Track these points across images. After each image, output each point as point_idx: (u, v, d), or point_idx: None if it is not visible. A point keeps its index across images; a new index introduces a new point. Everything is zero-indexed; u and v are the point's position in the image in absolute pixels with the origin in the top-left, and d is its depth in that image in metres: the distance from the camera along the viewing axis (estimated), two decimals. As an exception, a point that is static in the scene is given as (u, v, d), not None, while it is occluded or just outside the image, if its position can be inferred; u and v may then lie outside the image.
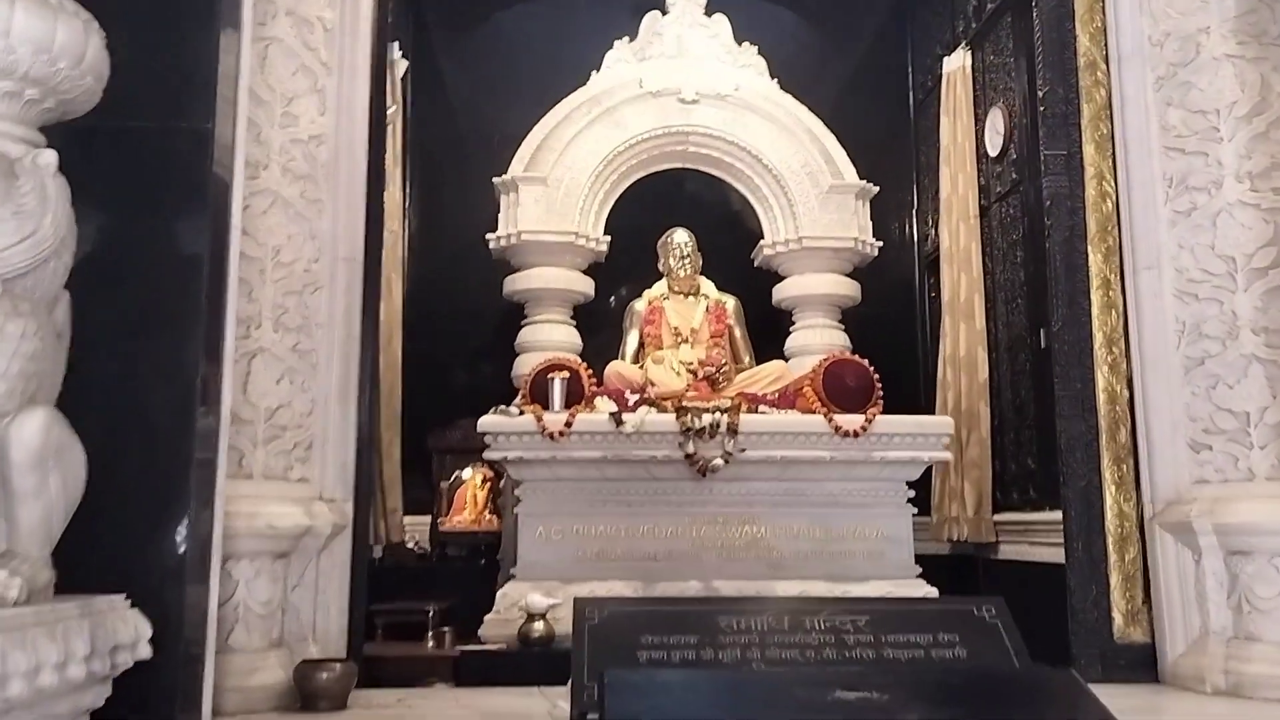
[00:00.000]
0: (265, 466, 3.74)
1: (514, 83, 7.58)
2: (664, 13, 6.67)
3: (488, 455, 4.97)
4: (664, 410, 4.99)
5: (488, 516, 7.17)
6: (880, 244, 6.64)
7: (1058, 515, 5.84)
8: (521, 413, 4.93)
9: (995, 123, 6.45)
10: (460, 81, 7.82)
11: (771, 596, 4.15)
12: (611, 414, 4.90)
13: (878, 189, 6.62)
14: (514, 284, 6.44)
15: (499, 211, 6.51)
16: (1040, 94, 4.22)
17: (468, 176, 7.62)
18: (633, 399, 5.05)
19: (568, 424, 4.87)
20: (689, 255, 5.95)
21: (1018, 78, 6.23)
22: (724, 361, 5.47)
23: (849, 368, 5.06)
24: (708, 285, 6.04)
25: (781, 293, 6.53)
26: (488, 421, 4.95)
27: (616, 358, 5.96)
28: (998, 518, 6.35)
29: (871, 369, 5.14)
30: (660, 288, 6.03)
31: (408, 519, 7.06)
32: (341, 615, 4.00)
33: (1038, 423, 6.04)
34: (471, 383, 7.50)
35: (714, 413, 4.89)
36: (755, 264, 6.68)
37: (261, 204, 3.78)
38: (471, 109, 7.74)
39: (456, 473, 7.26)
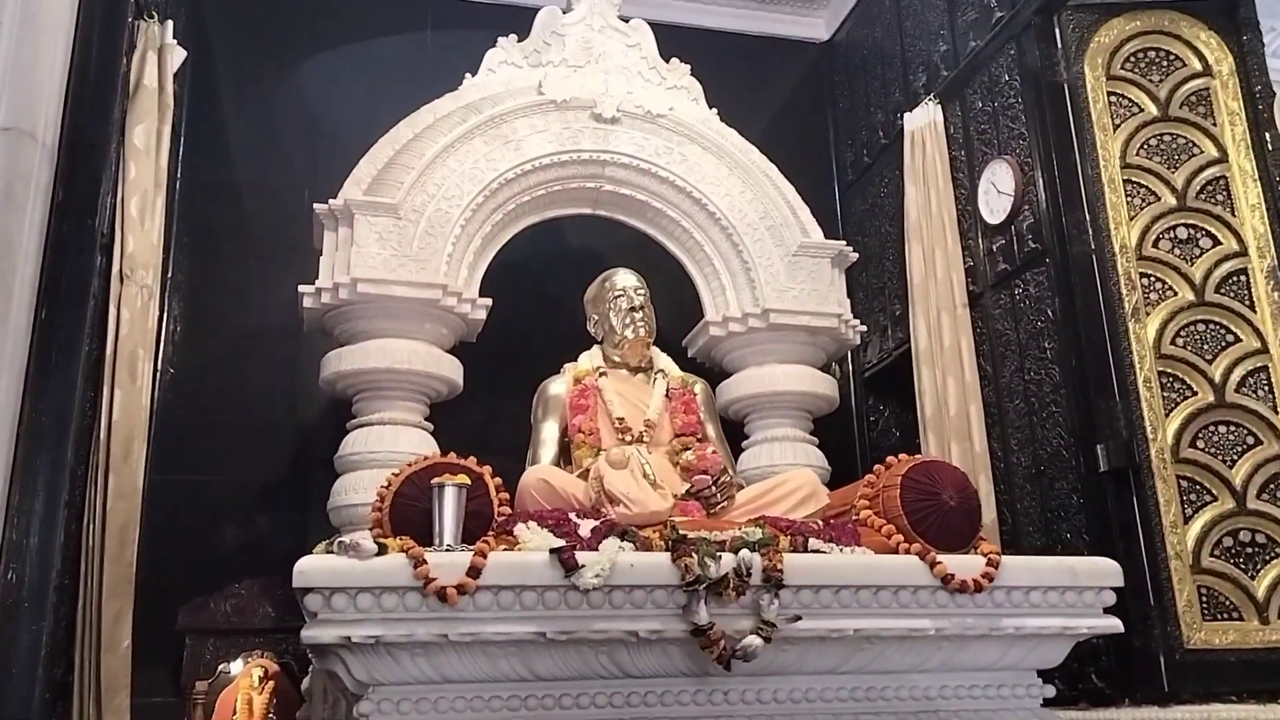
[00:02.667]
0: None
1: (330, 129, 5.19)
2: (565, 10, 4.46)
3: (312, 636, 2.32)
4: (645, 545, 2.54)
5: (268, 736, 4.36)
6: (864, 328, 4.51)
7: (1148, 714, 3.76)
8: (381, 550, 2.36)
9: (998, 180, 4.54)
10: (252, 129, 5.30)
11: None
12: (555, 551, 2.40)
13: (856, 255, 4.53)
14: (340, 363, 3.85)
15: (319, 258, 3.98)
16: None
17: (261, 246, 5.09)
18: (584, 526, 2.57)
19: (473, 570, 2.34)
20: (641, 307, 3.58)
21: (1033, 119, 4.39)
22: (724, 468, 3.09)
23: (943, 475, 2.78)
24: (664, 359, 3.66)
25: (733, 391, 4.20)
26: (314, 568, 2.33)
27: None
28: (1027, 716, 4.14)
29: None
30: (590, 359, 3.60)
31: (139, 739, 4.15)
32: None
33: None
34: (253, 531, 4.77)
35: (739, 549, 2.49)
36: (690, 354, 4.38)
37: None
38: (269, 160, 5.24)
39: (221, 667, 4.42)
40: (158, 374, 4.48)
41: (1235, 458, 3.90)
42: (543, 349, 4.84)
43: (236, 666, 4.43)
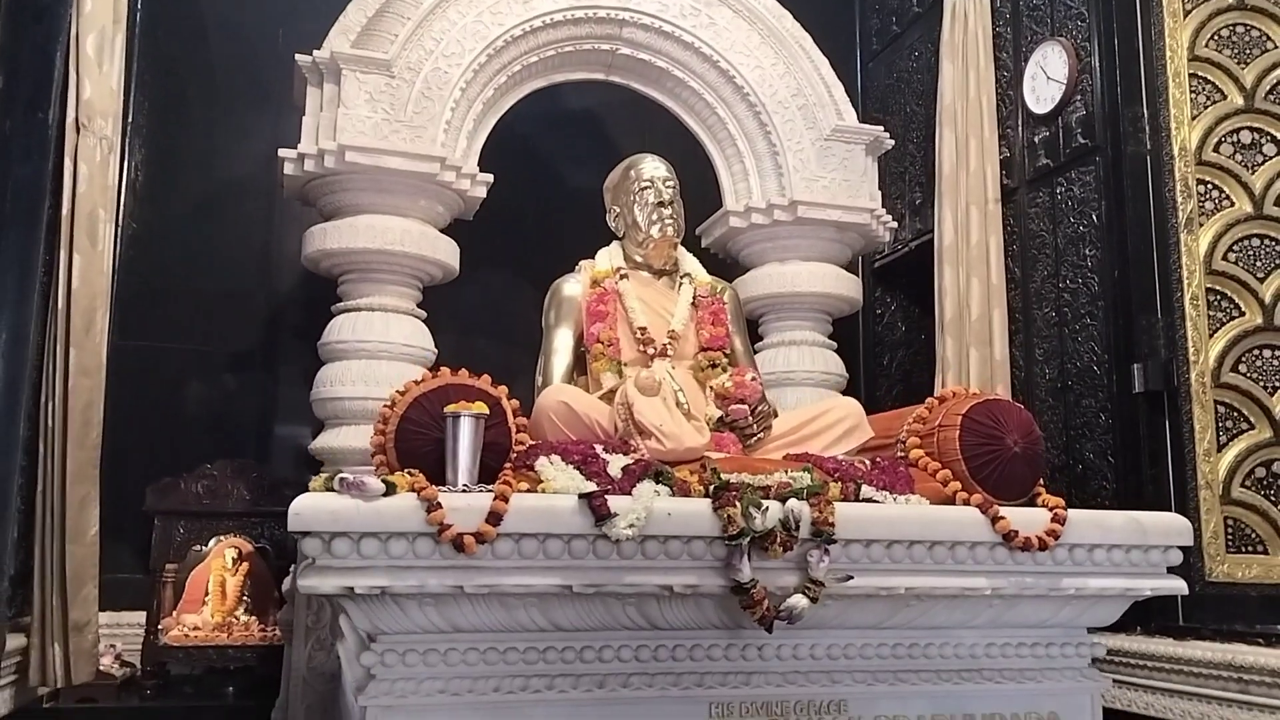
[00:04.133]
0: None
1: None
2: None
3: (310, 586, 2.04)
4: (682, 489, 2.27)
5: (242, 619, 4.15)
6: (895, 225, 4.18)
7: (1162, 646, 3.63)
8: (389, 489, 2.06)
9: (1048, 64, 4.14)
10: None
11: None
12: (585, 496, 2.13)
13: (893, 142, 4.15)
14: (325, 240, 3.46)
15: (301, 118, 3.53)
16: None
17: (229, 91, 4.60)
18: (614, 464, 2.29)
19: (494, 517, 2.07)
20: (670, 202, 3.19)
21: (1094, -1, 3.98)
22: (761, 395, 2.79)
23: (1008, 417, 2.52)
24: (690, 261, 3.28)
25: (751, 289, 3.87)
26: (311, 509, 2.02)
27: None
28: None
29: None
30: (610, 258, 3.23)
31: (107, 616, 3.95)
32: None
33: (1127, 503, 3.74)
34: (222, 405, 4.44)
35: (786, 498, 2.24)
36: (704, 244, 4.02)
37: None
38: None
39: (194, 547, 4.17)
40: (120, 234, 4.07)
41: (1278, 384, 3.68)
42: (537, 225, 4.49)
43: (210, 545, 4.19)
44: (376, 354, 3.35)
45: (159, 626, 4.05)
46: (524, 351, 3.86)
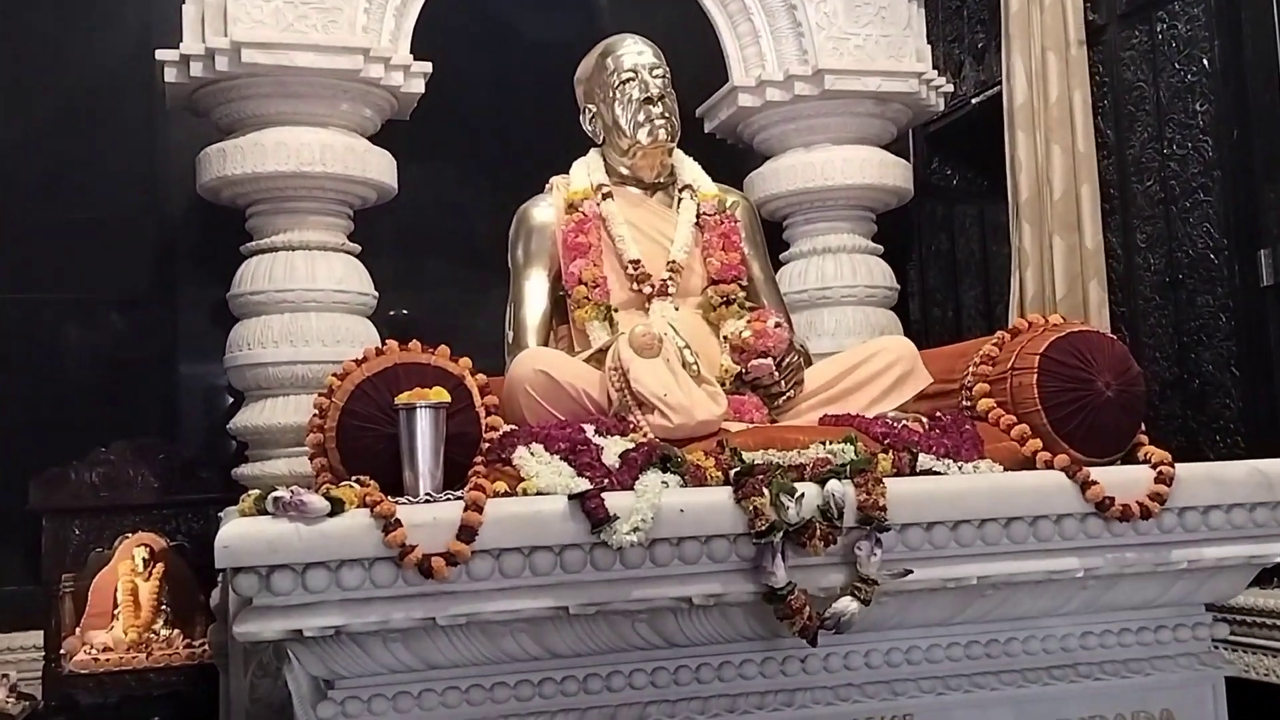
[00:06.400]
0: None
1: None
2: None
3: (250, 633, 2.11)
4: (696, 476, 2.34)
5: (162, 634, 4.29)
6: (950, 88, 4.18)
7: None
8: (335, 506, 2.13)
9: None
10: None
11: None
12: (577, 497, 2.20)
13: (940, -16, 4.14)
14: (225, 164, 3.47)
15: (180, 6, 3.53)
16: None
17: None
18: (610, 449, 2.36)
19: (466, 532, 2.15)
20: (660, 97, 3.13)
21: None
22: (789, 342, 2.83)
23: (1098, 353, 2.56)
24: (690, 168, 3.23)
25: (770, 184, 3.90)
26: (242, 540, 2.09)
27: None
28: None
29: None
30: (588, 172, 3.20)
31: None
32: None
33: (1256, 425, 3.84)
34: (115, 368, 4.51)
35: (824, 480, 2.32)
36: (708, 129, 4.03)
37: None
38: None
39: (94, 549, 4.29)
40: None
41: None
42: (489, 104, 4.50)
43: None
44: (302, 305, 3.42)
45: (60, 650, 4.18)
46: (488, 270, 3.92)
